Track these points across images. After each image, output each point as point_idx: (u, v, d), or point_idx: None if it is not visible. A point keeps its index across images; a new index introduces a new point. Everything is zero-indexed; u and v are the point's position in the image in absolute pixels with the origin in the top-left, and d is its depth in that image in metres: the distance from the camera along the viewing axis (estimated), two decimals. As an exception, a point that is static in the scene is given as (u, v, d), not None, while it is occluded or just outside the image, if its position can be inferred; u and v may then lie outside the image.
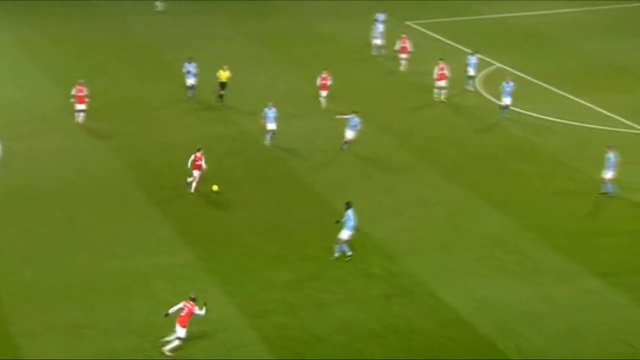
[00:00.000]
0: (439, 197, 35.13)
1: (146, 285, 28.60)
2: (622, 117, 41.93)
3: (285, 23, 59.46)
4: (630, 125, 41.42)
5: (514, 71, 48.63)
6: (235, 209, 33.82)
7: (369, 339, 26.18)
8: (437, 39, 55.71)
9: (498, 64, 50.10)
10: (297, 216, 33.46)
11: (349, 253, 30.08)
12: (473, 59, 45.48)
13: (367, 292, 28.56)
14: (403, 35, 48.87)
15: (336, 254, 30.09)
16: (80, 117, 41.13)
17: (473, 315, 27.13)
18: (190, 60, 44.20)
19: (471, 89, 45.58)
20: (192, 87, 44.20)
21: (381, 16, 52.46)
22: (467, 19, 59.78)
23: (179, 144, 39.68)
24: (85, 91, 41.15)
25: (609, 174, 34.30)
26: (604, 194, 34.41)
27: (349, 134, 38.39)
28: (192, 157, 34.63)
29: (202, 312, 25.55)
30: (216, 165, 36.62)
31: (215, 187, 34.12)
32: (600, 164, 35.36)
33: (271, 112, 39.27)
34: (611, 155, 34.35)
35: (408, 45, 48.43)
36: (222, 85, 43.86)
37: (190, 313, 25.38)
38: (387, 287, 28.74)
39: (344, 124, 39.20)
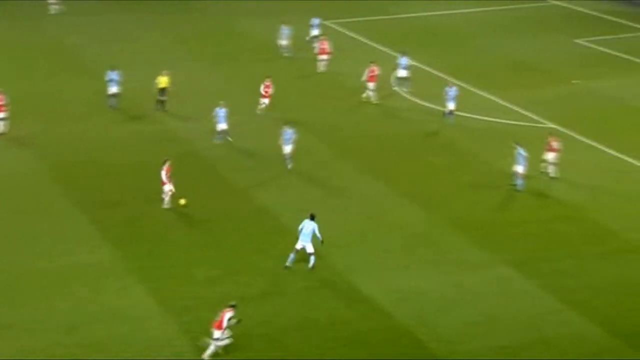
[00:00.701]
0: (358, 190, 35.39)
1: (67, 284, 28.12)
2: (526, 110, 42.90)
3: (204, 22, 59.10)
4: (532, 119, 42.43)
5: (426, 67, 49.33)
6: (156, 205, 33.44)
7: (290, 332, 26.23)
8: (352, 37, 56.10)
9: (412, 62, 50.68)
10: (219, 212, 33.28)
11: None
12: (403, 60, 45.47)
13: (289, 285, 28.60)
14: (322, 37, 48.99)
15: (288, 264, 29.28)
16: (1, 126, 39.76)
17: (392, 306, 27.44)
18: (113, 68, 42.32)
19: (403, 89, 45.11)
20: (114, 95, 42.14)
21: (316, 20, 51.85)
22: (380, 19, 60.32)
23: (98, 143, 39.12)
24: (4, 100, 39.84)
25: (520, 169, 35.08)
26: (514, 186, 35.19)
27: (287, 148, 36.48)
28: (164, 169, 32.79)
29: (231, 321, 24.81)
30: (140, 162, 36.13)
31: (182, 201, 32.55)
32: (508, 157, 36.10)
33: (222, 112, 38.91)
34: (521, 151, 35.13)
35: (327, 46, 48.52)
36: (162, 91, 42.21)
37: (223, 317, 24.75)
38: (309, 280, 28.82)
39: (267, 123, 39.13)
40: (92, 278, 28.48)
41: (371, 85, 43.80)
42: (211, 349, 24.86)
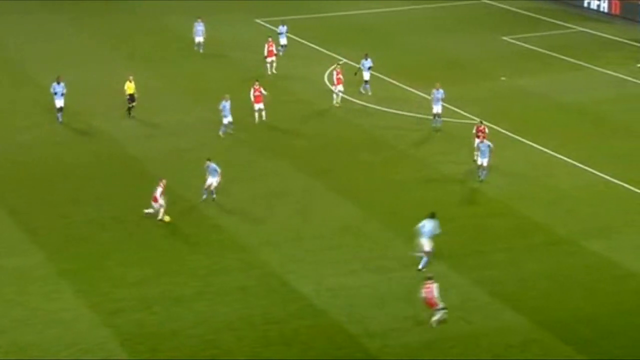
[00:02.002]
0: (290, 188, 34.85)
1: (-6, 288, 27.07)
2: (456, 107, 42.80)
3: (132, 20, 58.13)
4: (462, 115, 42.34)
5: (358, 66, 49.00)
6: (84, 206, 32.47)
7: (224, 331, 25.61)
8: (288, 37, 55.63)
9: (344, 60, 50.41)
10: (152, 214, 32.50)
11: None
12: (367, 63, 44.55)
13: (223, 284, 27.97)
14: (269, 39, 48.29)
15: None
16: None
17: (325, 303, 26.96)
18: (58, 81, 39.68)
19: (367, 92, 44.13)
20: (61, 109, 39.69)
21: (283, 28, 50.73)
22: (312, 17, 59.91)
23: (28, 145, 37.99)
24: None
25: (484, 161, 34.46)
26: (481, 181, 34.68)
27: (211, 180, 33.01)
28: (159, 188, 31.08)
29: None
30: (64, 163, 35.07)
31: (167, 218, 31.18)
32: (440, 153, 35.96)
33: (227, 104, 38.57)
34: (486, 143, 34.49)
35: (274, 48, 47.66)
36: (131, 97, 40.57)
37: (431, 292, 25.26)
38: (243, 279, 28.21)
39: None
40: (20, 281, 27.53)
41: (339, 87, 42.74)
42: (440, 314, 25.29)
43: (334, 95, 43.01)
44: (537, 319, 25.67)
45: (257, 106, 40.43)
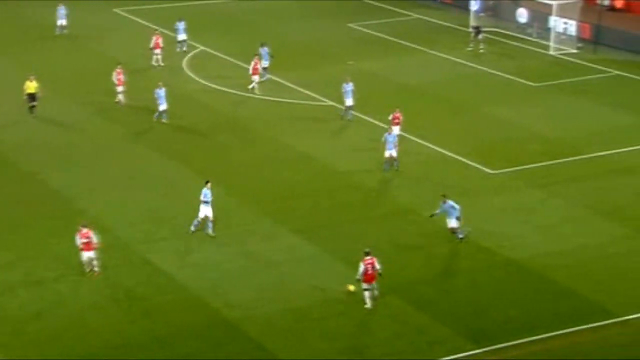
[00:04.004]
0: (151, 170, 34.17)
1: None
2: (307, 89, 43.03)
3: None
4: (313, 97, 42.65)
5: (218, 53, 48.48)
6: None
7: (89, 310, 24.87)
8: (142, 24, 54.29)
9: (202, 47, 49.68)
10: (10, 196, 31.07)
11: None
12: (263, 51, 43.60)
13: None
14: (157, 32, 46.77)
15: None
16: None
17: (187, 279, 26.59)
18: None
19: (263, 79, 43.10)
20: None
21: (181, 24, 48.63)
22: (172, 6, 58.70)
23: None
24: None
25: (394, 153, 33.95)
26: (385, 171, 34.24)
27: (205, 210, 29.05)
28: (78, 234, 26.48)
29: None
30: None
31: (351, 287, 25.88)
32: (294, 134, 35.96)
33: (161, 92, 37.92)
34: (391, 136, 34.02)
35: (161, 41, 46.17)
36: (31, 96, 38.03)
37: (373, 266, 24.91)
38: (105, 259, 27.37)
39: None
40: None
41: (256, 77, 41.89)
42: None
43: (254, 84, 42.05)
44: (385, 284, 26.18)
45: (119, 89, 40.14)
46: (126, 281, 26.39)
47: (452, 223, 28.61)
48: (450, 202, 28.62)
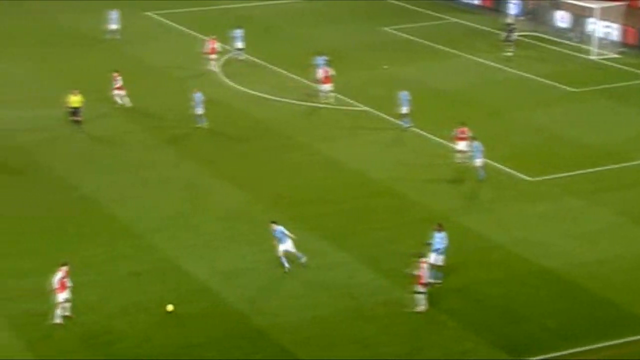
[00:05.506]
0: (179, 175, 34.46)
1: None
2: (341, 94, 43.02)
3: (24, 16, 56.31)
4: (347, 102, 42.72)
5: (251, 57, 48.78)
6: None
7: (117, 316, 25.17)
8: (176, 27, 54.88)
9: (236, 51, 50.12)
10: (42, 203, 31.58)
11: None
12: (321, 60, 43.56)
13: (116, 272, 27.48)
14: (212, 37, 47.26)
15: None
16: None
17: (217, 285, 26.81)
18: None
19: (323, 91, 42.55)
20: None
21: (239, 32, 48.32)
22: (202, 10, 59.23)
23: None
24: None
25: (479, 162, 33.26)
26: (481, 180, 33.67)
27: (284, 246, 27.55)
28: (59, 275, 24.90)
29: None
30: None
31: (169, 307, 25.39)
32: (327, 139, 36.17)
33: (198, 97, 38.39)
34: (477, 144, 33.48)
35: (217, 46, 46.60)
36: (75, 110, 37.88)
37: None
38: (136, 266, 27.76)
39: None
40: None
41: (327, 86, 41.76)
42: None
43: (327, 94, 41.85)
44: (412, 291, 26.08)
45: (116, 92, 40.86)
46: (156, 288, 26.66)
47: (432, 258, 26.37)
48: (442, 234, 26.79)
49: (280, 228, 27.38)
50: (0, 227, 29.82)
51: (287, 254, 27.37)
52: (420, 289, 25.13)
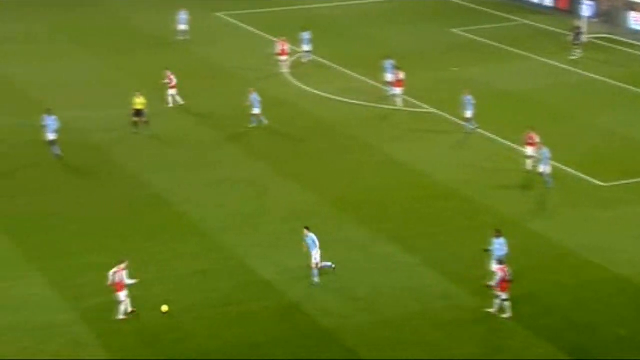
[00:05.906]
0: (246, 174, 34.78)
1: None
2: (408, 96, 42.83)
3: (97, 17, 57.50)
4: (414, 104, 42.50)
5: (317, 58, 48.90)
6: (51, 196, 32.06)
7: (184, 313, 25.50)
8: (245, 28, 55.40)
9: (302, 52, 50.32)
10: (112, 199, 32.22)
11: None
12: (389, 64, 43.51)
13: (184, 269, 27.88)
14: (282, 38, 47.74)
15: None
16: None
17: (283, 284, 26.98)
18: (49, 113, 36.08)
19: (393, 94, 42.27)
20: (53, 142, 35.53)
21: (307, 35, 48.61)
22: (271, 11, 59.66)
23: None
24: None
25: (547, 169, 32.82)
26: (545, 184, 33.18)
27: (315, 255, 27.32)
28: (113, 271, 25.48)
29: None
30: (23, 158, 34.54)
31: (164, 308, 25.46)
32: (392, 141, 35.98)
33: (254, 97, 38.87)
34: (545, 151, 33.20)
35: (287, 48, 46.95)
36: (138, 112, 38.10)
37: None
38: (203, 263, 28.12)
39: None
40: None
41: (398, 90, 41.68)
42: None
43: (395, 98, 41.66)
44: (481, 296, 25.86)
45: (170, 92, 41.19)
46: (222, 286, 26.95)
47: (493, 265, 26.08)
48: (501, 240, 26.47)
49: (312, 235, 27.04)
50: (75, 224, 30.48)
51: (316, 265, 26.89)
52: (503, 295, 24.80)
